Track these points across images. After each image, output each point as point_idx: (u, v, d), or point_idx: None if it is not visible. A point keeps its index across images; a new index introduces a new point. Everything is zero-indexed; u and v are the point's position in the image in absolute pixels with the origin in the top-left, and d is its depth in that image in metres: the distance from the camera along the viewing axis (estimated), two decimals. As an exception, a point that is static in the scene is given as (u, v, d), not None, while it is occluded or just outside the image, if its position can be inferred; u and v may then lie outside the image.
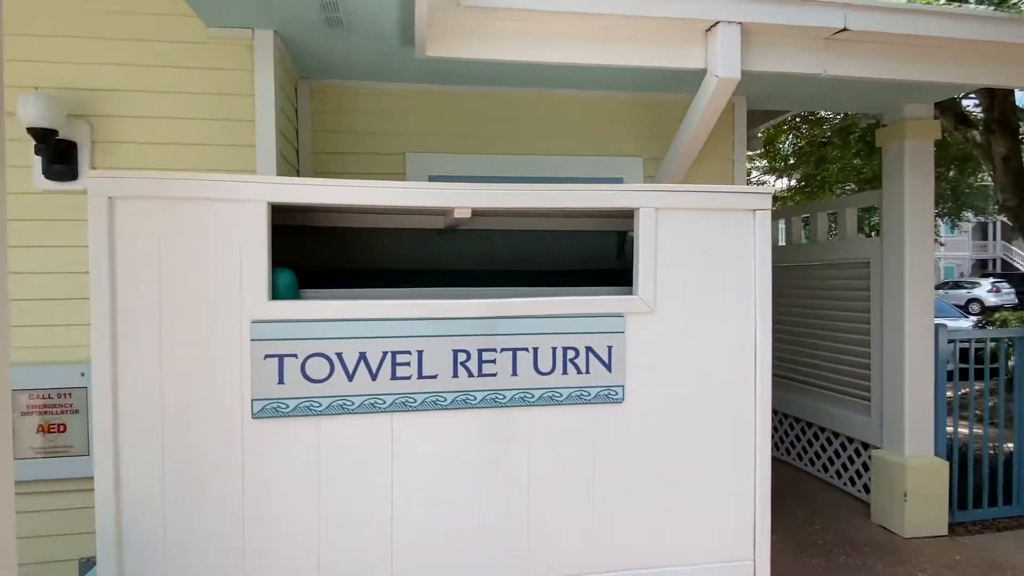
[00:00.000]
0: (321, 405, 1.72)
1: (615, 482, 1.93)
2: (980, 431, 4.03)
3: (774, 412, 5.24)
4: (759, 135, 5.70)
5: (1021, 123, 9.23)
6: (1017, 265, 38.76)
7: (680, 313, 1.98)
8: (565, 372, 1.84)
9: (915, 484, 3.62)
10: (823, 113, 12.74)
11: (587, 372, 1.85)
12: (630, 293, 1.97)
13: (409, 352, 1.75)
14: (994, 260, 42.52)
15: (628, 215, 2.01)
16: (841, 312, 4.34)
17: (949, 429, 3.84)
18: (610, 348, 1.86)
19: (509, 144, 3.39)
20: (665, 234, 1.95)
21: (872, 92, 3.50)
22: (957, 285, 29.66)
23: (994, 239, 42.54)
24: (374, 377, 1.74)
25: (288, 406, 1.70)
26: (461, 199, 1.88)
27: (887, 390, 3.83)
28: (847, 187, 12.45)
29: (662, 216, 1.95)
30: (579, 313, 1.86)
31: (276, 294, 1.76)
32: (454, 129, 3.35)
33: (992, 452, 4.00)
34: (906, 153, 3.67)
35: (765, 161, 13.94)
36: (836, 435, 4.44)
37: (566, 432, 1.89)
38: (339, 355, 1.72)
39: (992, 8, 7.72)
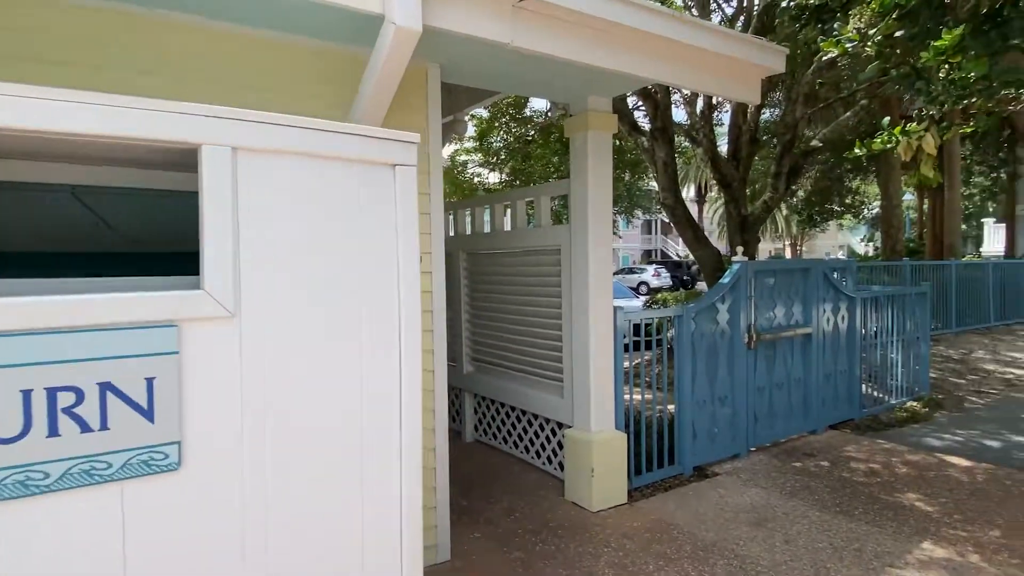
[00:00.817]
0: None
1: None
2: (652, 397, 4.63)
3: (479, 397, 5.19)
4: (466, 119, 5.58)
5: (677, 133, 11.14)
6: (671, 254, 48.90)
7: (282, 315, 1.40)
8: (55, 432, 1.07)
9: (600, 458, 3.81)
10: (529, 111, 13.83)
11: (105, 427, 1.12)
12: (195, 287, 1.29)
13: None
14: (656, 250, 52.87)
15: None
16: (538, 297, 4.42)
17: (628, 398, 4.18)
18: (151, 382, 1.16)
19: (148, 84, 2.48)
20: (255, 191, 1.35)
21: (560, 79, 3.52)
22: (631, 271, 35.90)
23: (656, 233, 52.92)
24: None
25: None
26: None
27: (576, 370, 3.98)
28: (550, 181, 13.67)
29: (246, 161, 1.34)
30: (82, 326, 1.11)
31: None
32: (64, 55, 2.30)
33: (659, 417, 4.50)
34: (589, 143, 3.80)
35: (480, 155, 14.64)
36: (536, 416, 4.55)
37: (63, 543, 1.10)
38: None
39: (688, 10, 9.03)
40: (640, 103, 9.63)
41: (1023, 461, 4.63)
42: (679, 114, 10.57)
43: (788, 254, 52.70)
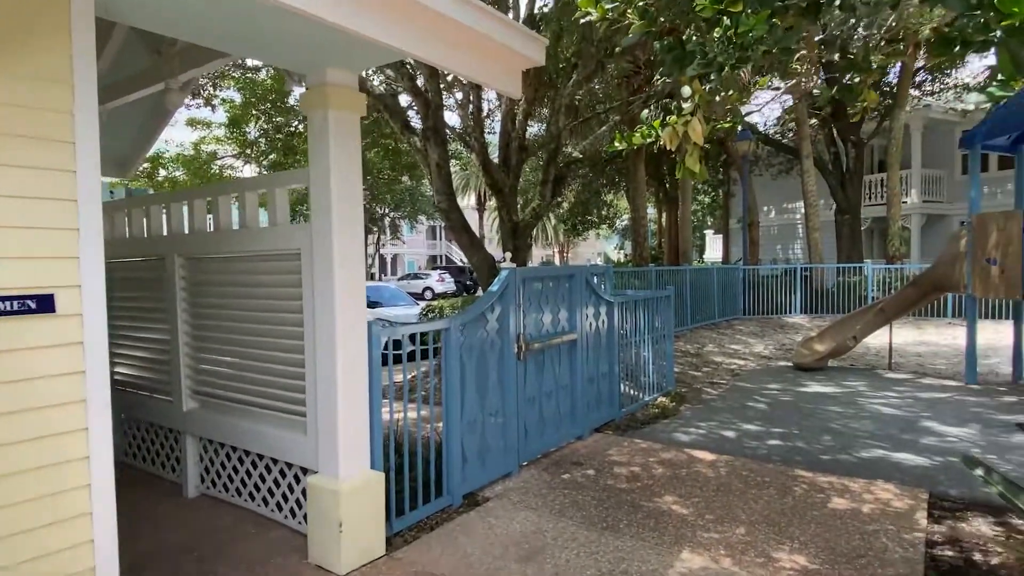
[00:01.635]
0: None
1: None
2: (424, 414, 4.12)
3: (205, 441, 4.16)
4: (191, 92, 4.46)
5: (451, 138, 10.92)
6: (456, 259, 49.75)
7: None
8: None
9: (350, 509, 3.14)
10: (292, 100, 12.51)
11: None
12: None
13: None
14: (441, 255, 53.51)
15: None
16: (275, 313, 3.60)
17: (389, 418, 3.58)
18: None
19: None
20: None
21: (287, 39, 2.79)
22: (416, 276, 35.65)
23: (440, 239, 53.56)
24: None
25: None
26: None
27: (322, 402, 3.26)
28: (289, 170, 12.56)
29: None
30: None
31: None
32: None
33: (427, 441, 3.98)
34: (331, 124, 3.13)
35: (233, 145, 12.85)
36: (275, 461, 3.70)
37: None
38: None
39: None
40: (413, 103, 9.15)
41: (753, 450, 5.12)
42: (456, 120, 10.39)
43: (557, 260, 57.45)
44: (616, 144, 3.57)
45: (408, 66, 8.09)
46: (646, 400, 6.62)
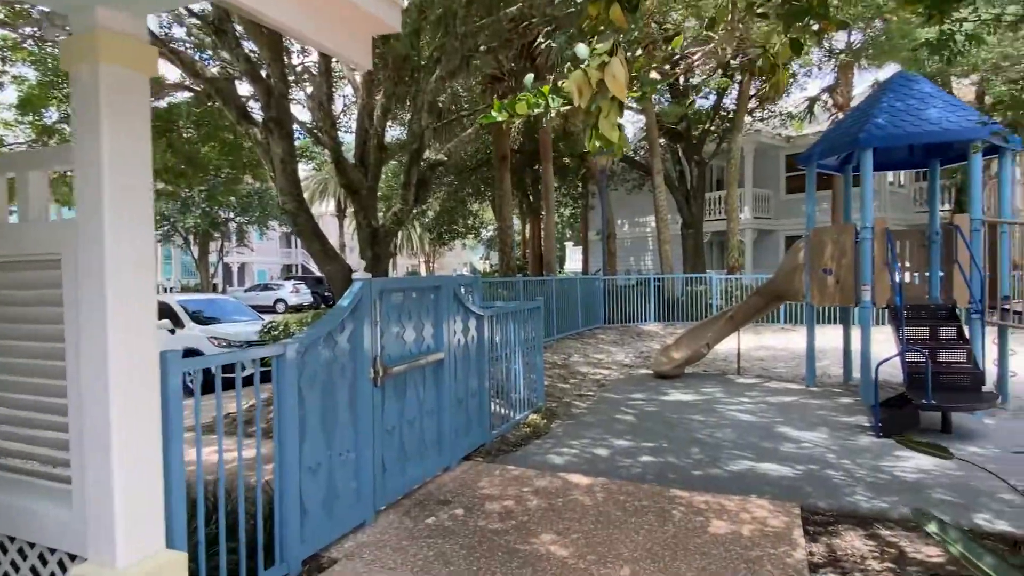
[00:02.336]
0: None
1: None
2: (265, 452, 3.27)
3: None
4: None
5: (303, 133, 9.88)
6: (313, 269, 46.72)
7: None
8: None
9: (133, 609, 2.29)
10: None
11: None
12: None
13: None
14: (297, 265, 50.08)
15: None
16: (24, 342, 2.61)
17: (227, 462, 2.73)
18: None
19: None
20: None
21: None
22: (266, 287, 32.81)
23: (296, 247, 50.10)
24: None
25: None
26: None
27: (91, 462, 2.37)
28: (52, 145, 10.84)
29: None
30: None
31: None
32: None
33: (254, 494, 3.16)
34: (102, 83, 2.28)
35: (30, 130, 10.62)
36: (31, 545, 2.69)
37: None
38: None
39: None
40: (254, 90, 8.05)
41: (628, 469, 4.88)
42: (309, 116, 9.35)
43: (423, 270, 56.48)
44: (494, 114, 3.00)
45: (244, 45, 7.06)
46: (517, 419, 6.21)
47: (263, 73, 7.39)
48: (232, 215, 29.96)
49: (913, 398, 5.77)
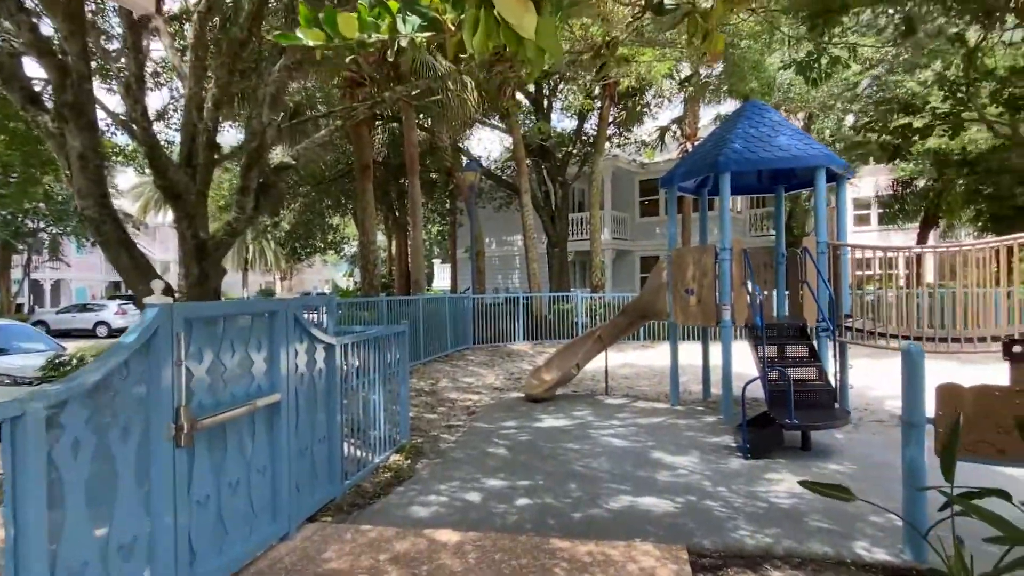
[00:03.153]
0: None
1: None
2: None
3: None
4: None
5: (115, 124, 8.30)
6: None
7: None
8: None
9: None
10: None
11: None
12: None
13: None
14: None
15: None
16: None
17: None
18: None
19: None
20: None
21: None
22: (86, 308, 28.31)
23: (125, 262, 44.27)
24: None
25: None
26: None
27: None
28: None
29: None
30: None
31: None
32: None
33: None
34: None
35: None
36: None
37: None
38: None
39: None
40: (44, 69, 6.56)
41: (503, 517, 4.31)
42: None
43: (279, 289, 52.69)
44: (299, 34, 1.95)
45: (30, 10, 5.65)
46: (376, 462, 5.41)
47: (56, 48, 5.99)
48: (43, 224, 25.52)
49: (776, 417, 5.85)
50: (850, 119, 17.10)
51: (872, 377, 9.31)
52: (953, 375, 3.67)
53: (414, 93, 10.14)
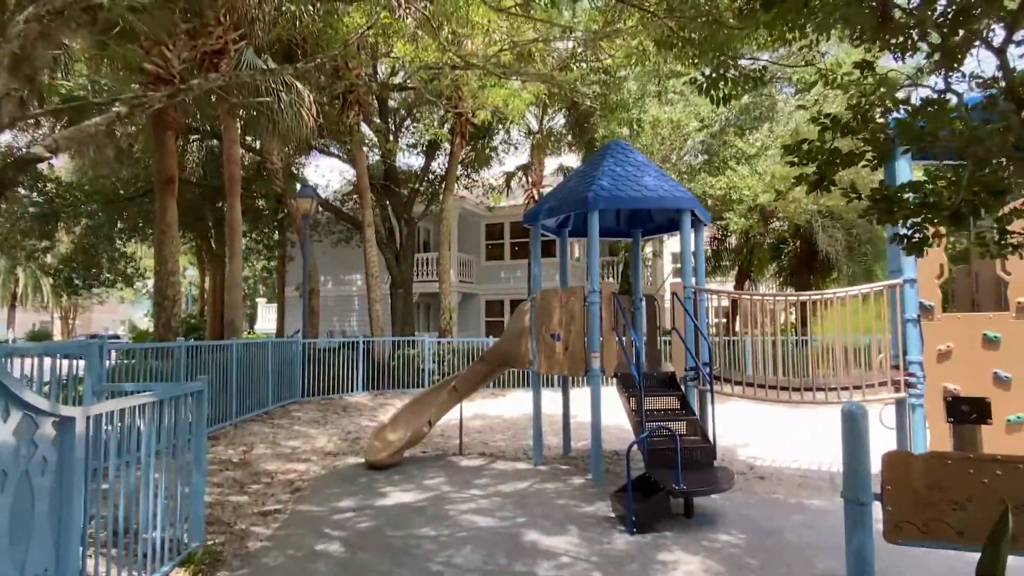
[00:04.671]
0: None
1: None
2: None
3: None
4: None
5: None
6: None
7: None
8: None
9: None
10: None
11: None
12: None
13: None
14: None
15: None
16: None
17: None
18: None
19: None
20: None
21: None
22: None
23: None
24: None
25: None
26: None
27: None
28: None
29: None
30: None
31: None
32: None
33: None
34: None
35: None
36: None
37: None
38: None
39: None
40: None
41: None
42: None
43: (58, 331, 44.19)
44: None
45: None
46: (144, 586, 3.70)
47: None
48: None
49: (661, 482, 5.18)
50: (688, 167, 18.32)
51: (719, 423, 9.30)
52: (781, 417, 3.19)
53: (233, 83, 8.47)
